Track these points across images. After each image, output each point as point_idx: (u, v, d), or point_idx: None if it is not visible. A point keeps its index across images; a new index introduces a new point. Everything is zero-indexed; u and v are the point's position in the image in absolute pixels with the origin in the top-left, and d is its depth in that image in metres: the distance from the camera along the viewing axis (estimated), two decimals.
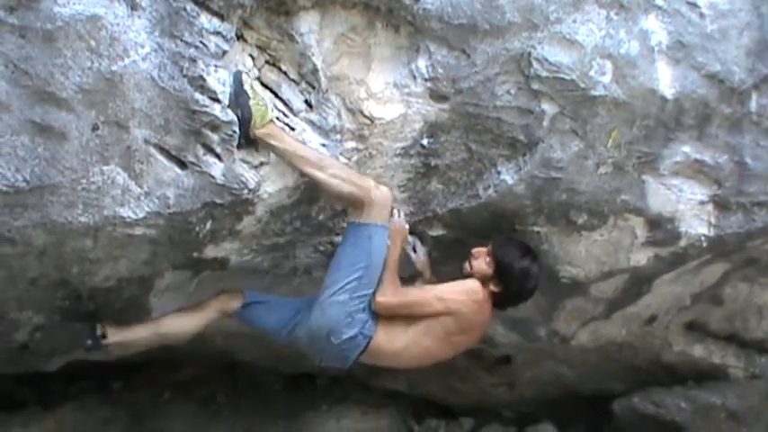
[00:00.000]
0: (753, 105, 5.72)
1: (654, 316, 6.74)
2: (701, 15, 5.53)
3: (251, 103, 4.85)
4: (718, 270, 6.44)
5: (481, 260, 5.33)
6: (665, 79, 5.52)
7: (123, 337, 5.29)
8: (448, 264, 5.77)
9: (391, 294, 5.22)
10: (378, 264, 5.19)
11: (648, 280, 6.30)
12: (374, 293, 5.20)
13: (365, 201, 5.09)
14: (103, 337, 5.22)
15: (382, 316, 5.26)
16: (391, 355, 5.37)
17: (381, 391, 7.74)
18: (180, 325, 5.41)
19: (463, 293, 5.29)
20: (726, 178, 5.81)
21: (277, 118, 4.99)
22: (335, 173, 5.06)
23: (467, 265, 5.37)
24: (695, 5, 5.52)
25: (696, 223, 5.91)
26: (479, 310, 5.32)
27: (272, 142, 4.93)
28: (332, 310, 5.17)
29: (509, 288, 5.33)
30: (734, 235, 5.98)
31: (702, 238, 5.96)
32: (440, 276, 5.55)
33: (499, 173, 5.42)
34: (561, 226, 5.83)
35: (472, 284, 5.31)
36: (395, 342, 5.30)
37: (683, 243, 5.98)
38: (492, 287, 5.32)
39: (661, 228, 5.91)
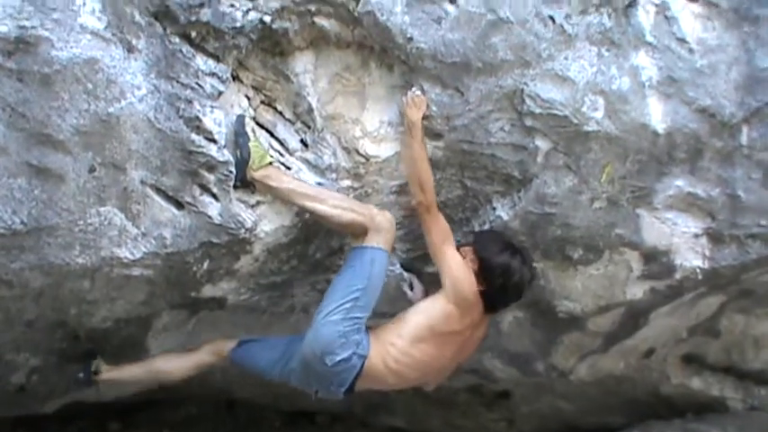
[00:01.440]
0: (743, 139, 5.69)
1: (651, 349, 6.73)
2: (691, 51, 5.52)
3: (251, 144, 4.88)
4: (714, 302, 6.43)
5: (467, 258, 5.23)
6: (657, 114, 5.51)
7: (116, 375, 5.33)
8: None
9: (430, 199, 5.09)
10: (376, 288, 5.13)
11: (645, 313, 6.29)
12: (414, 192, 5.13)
13: (368, 226, 5.07)
14: (95, 373, 5.25)
15: (374, 336, 5.18)
16: (386, 372, 5.23)
17: (381, 427, 7.74)
18: (173, 366, 5.41)
19: (467, 286, 5.15)
20: (719, 211, 5.78)
21: (272, 159, 5.00)
22: (336, 203, 5.07)
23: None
24: (684, 41, 5.51)
25: (691, 256, 5.89)
26: (468, 309, 5.20)
27: (271, 183, 4.95)
28: (325, 329, 5.06)
29: (492, 284, 5.19)
30: (729, 267, 5.95)
31: (697, 271, 5.93)
32: None
33: (494, 209, 5.44)
34: (557, 261, 5.83)
35: (474, 284, 5.16)
36: (390, 358, 5.18)
37: (678, 276, 5.96)
38: (478, 286, 5.21)
39: (656, 261, 5.90)
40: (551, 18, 5.26)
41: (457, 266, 5.16)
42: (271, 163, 4.97)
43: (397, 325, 5.25)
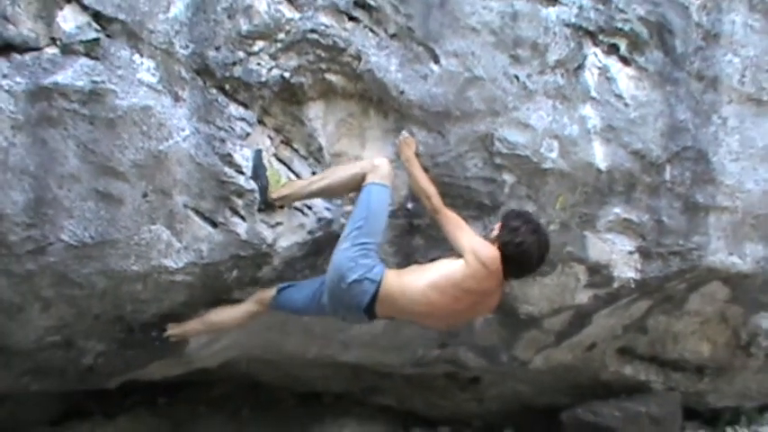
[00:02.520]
0: (667, 175, 5.75)
1: (594, 343, 6.72)
2: (626, 105, 5.57)
3: (267, 173, 4.88)
4: (644, 306, 6.43)
5: (496, 230, 4.91)
6: (600, 155, 5.57)
7: (181, 331, 5.21)
8: None
9: (437, 204, 4.92)
10: (377, 214, 4.86)
11: (589, 315, 6.30)
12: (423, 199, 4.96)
13: (366, 170, 4.88)
14: (164, 330, 5.18)
15: (391, 271, 4.89)
16: (401, 304, 4.86)
17: (376, 406, 7.67)
18: (225, 318, 5.20)
19: (486, 257, 4.77)
20: (648, 233, 5.83)
21: (285, 181, 4.99)
22: (335, 172, 4.97)
23: (491, 232, 5.01)
24: (621, 97, 5.55)
25: (626, 269, 5.93)
26: (488, 276, 4.80)
27: (287, 193, 4.93)
28: (336, 257, 4.81)
29: (508, 255, 4.79)
30: (655, 278, 5.99)
31: (631, 281, 5.97)
32: None
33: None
34: None
35: (495, 253, 4.79)
36: (405, 291, 4.83)
37: (616, 285, 6.00)
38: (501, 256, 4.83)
39: (599, 273, 5.93)
40: (516, 77, 5.32)
41: (472, 242, 4.82)
42: (285, 184, 4.95)
43: (421, 268, 4.97)
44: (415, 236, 5.40)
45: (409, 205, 5.29)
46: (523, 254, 4.82)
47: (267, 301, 5.13)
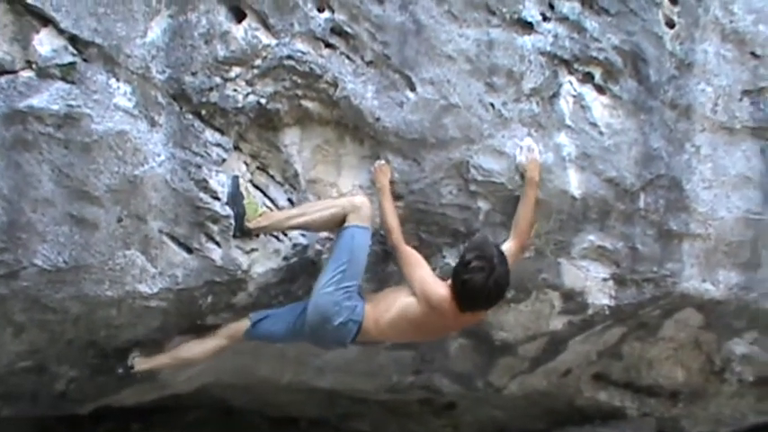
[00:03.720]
0: (641, 203, 5.75)
1: (569, 369, 6.71)
2: (601, 133, 5.58)
3: (244, 202, 4.86)
4: (618, 332, 6.42)
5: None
6: (574, 182, 5.57)
7: (148, 366, 5.16)
8: None
9: (396, 241, 5.00)
10: (358, 260, 4.93)
11: (564, 341, 6.30)
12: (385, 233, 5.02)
13: (347, 209, 4.90)
14: (131, 367, 5.12)
15: (368, 303, 5.00)
16: (378, 334, 5.06)
17: (351, 431, 7.68)
18: (195, 353, 5.19)
19: (435, 296, 4.86)
20: (622, 260, 5.83)
21: (263, 210, 4.98)
22: (317, 209, 4.96)
23: None
24: (596, 125, 5.57)
25: (600, 296, 5.93)
26: (441, 314, 4.89)
27: (265, 224, 4.92)
28: (321, 300, 4.90)
29: (461, 294, 4.83)
30: (629, 305, 5.99)
31: (605, 308, 5.97)
32: None
33: (444, 257, 5.43)
34: None
35: (443, 295, 4.85)
36: (380, 324, 4.98)
37: (590, 312, 6.00)
38: (453, 292, 4.87)
39: (573, 300, 5.93)
40: (491, 104, 5.34)
41: (423, 284, 4.91)
42: (262, 213, 4.93)
43: (386, 301, 5.06)
44: (389, 262, 5.37)
45: (383, 231, 5.27)
46: (471, 291, 4.83)
47: (240, 335, 5.16)
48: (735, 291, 6.22)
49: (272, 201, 5.06)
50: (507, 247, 5.15)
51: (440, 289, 4.92)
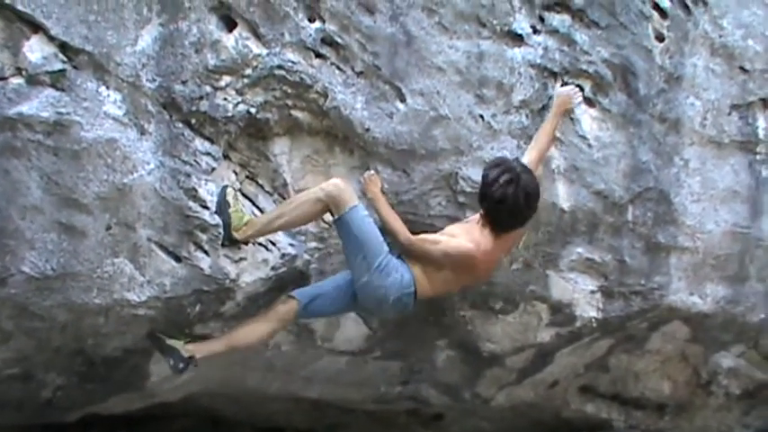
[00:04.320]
0: (629, 216, 5.80)
1: (556, 381, 6.72)
2: (590, 146, 5.62)
3: (230, 210, 4.82)
4: (605, 344, 6.45)
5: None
6: (563, 195, 5.61)
7: (207, 352, 5.02)
8: (392, 340, 5.82)
9: (405, 241, 4.89)
10: (369, 235, 4.81)
11: (551, 353, 6.32)
12: (390, 250, 4.89)
13: (326, 202, 4.77)
14: (192, 357, 4.95)
15: (414, 262, 4.93)
16: (437, 291, 5.07)
17: None
18: (249, 336, 5.06)
19: (463, 254, 4.90)
20: (610, 273, 5.87)
21: (249, 218, 4.91)
22: (295, 206, 4.86)
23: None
24: (585, 138, 5.61)
25: (588, 308, 5.96)
26: (479, 261, 4.94)
27: (251, 232, 4.88)
28: (365, 291, 4.89)
29: (496, 216, 4.88)
30: (616, 317, 6.03)
31: (593, 320, 6.00)
32: None
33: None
34: (482, 311, 5.86)
35: (467, 247, 4.90)
36: (434, 282, 4.96)
37: (578, 324, 6.03)
38: (490, 225, 4.91)
39: (561, 312, 5.96)
40: (481, 116, 5.37)
41: (446, 254, 4.91)
42: (247, 222, 4.87)
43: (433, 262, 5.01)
44: None
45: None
46: (507, 206, 4.83)
47: (291, 317, 5.07)
48: (722, 304, 6.26)
49: (260, 210, 5.05)
50: (527, 159, 5.15)
51: (462, 245, 4.93)
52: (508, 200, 4.80)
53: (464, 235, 4.99)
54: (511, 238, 5.17)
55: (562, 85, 5.53)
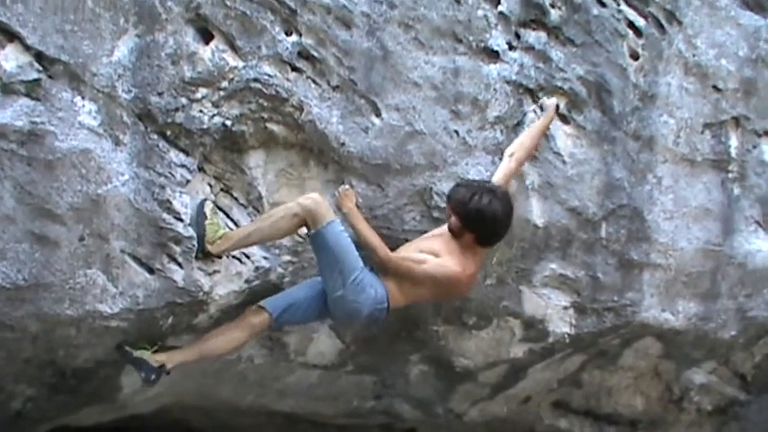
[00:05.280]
0: (602, 232, 5.83)
1: (529, 396, 6.74)
2: (564, 162, 5.65)
3: (206, 223, 4.82)
4: (578, 360, 6.47)
5: (451, 215, 5.02)
6: (537, 211, 5.63)
7: (178, 361, 4.99)
8: (365, 354, 5.82)
9: (384, 257, 4.91)
10: (345, 249, 4.85)
11: (524, 368, 6.33)
12: (364, 265, 4.93)
13: (303, 216, 4.81)
14: (162, 366, 4.91)
15: (388, 282, 4.98)
16: (410, 302, 5.14)
17: None
18: (219, 347, 5.05)
19: (446, 276, 4.98)
20: (583, 289, 5.90)
21: (224, 231, 4.91)
22: (270, 221, 4.88)
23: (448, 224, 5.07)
24: (559, 154, 5.64)
25: (561, 324, 5.98)
26: (462, 279, 5.04)
27: (226, 246, 4.88)
28: (338, 305, 4.94)
29: (477, 229, 4.97)
30: (589, 333, 6.05)
31: (566, 336, 6.02)
32: None
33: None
34: (456, 326, 5.88)
35: (450, 269, 4.98)
36: (408, 294, 5.04)
37: (551, 339, 6.04)
38: (469, 237, 4.99)
39: (534, 327, 5.97)
40: (456, 132, 5.39)
41: (431, 275, 4.99)
42: (222, 236, 4.86)
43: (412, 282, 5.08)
44: None
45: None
46: (490, 219, 4.95)
47: (264, 328, 5.08)
48: (694, 321, 6.30)
49: (234, 223, 5.05)
50: (506, 166, 5.28)
51: (449, 269, 5.02)
52: (494, 213, 4.95)
53: (447, 255, 5.03)
54: (485, 253, 5.24)
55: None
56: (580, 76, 5.67)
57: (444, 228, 5.13)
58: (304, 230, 4.94)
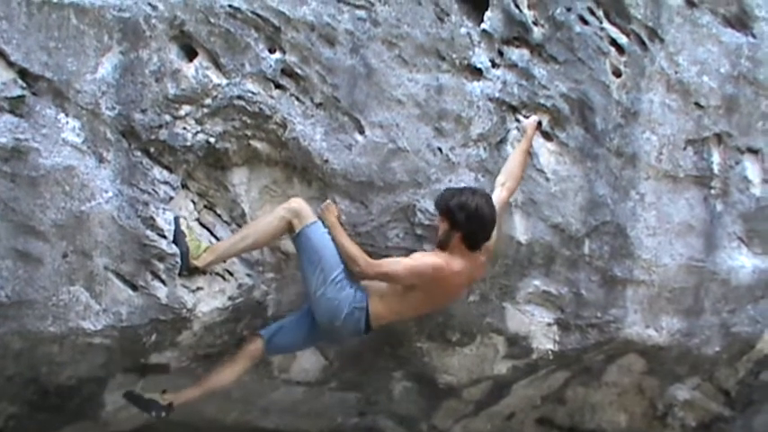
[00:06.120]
0: (586, 249, 5.87)
1: (512, 413, 6.74)
2: (547, 179, 5.69)
3: (187, 240, 4.86)
4: (562, 377, 6.49)
5: (440, 224, 5.09)
6: (520, 228, 5.67)
7: (185, 399, 5.16)
8: (348, 371, 5.84)
9: (364, 265, 4.97)
10: (327, 250, 4.95)
11: (508, 385, 6.34)
12: (346, 268, 4.98)
13: (288, 217, 4.92)
14: (170, 404, 5.10)
15: (371, 287, 5.08)
16: (394, 316, 5.18)
17: None
18: (224, 378, 5.18)
19: (428, 269, 5.01)
20: (567, 305, 5.92)
21: (207, 245, 4.97)
22: (257, 228, 4.97)
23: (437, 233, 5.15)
24: (542, 171, 5.68)
25: (545, 340, 5.99)
26: (447, 275, 5.05)
27: (212, 258, 4.92)
28: (320, 304, 4.99)
29: (464, 227, 5.00)
30: (573, 350, 6.07)
31: (549, 353, 6.03)
32: None
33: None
34: (439, 342, 5.88)
35: (432, 261, 5.04)
36: (393, 307, 5.11)
37: (534, 356, 6.05)
38: (458, 237, 5.03)
39: (517, 344, 5.98)
40: (439, 149, 5.41)
41: (410, 270, 5.01)
42: (206, 249, 4.92)
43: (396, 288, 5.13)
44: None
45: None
46: (476, 217, 5.00)
47: (260, 354, 5.20)
48: (677, 337, 6.33)
49: (218, 240, 5.06)
50: (497, 195, 5.28)
51: (429, 259, 5.09)
52: (477, 206, 5.00)
53: (430, 254, 5.15)
54: (474, 262, 5.20)
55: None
56: (563, 93, 5.71)
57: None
58: (286, 248, 4.99)
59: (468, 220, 5.01)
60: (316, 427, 6.47)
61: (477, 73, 5.53)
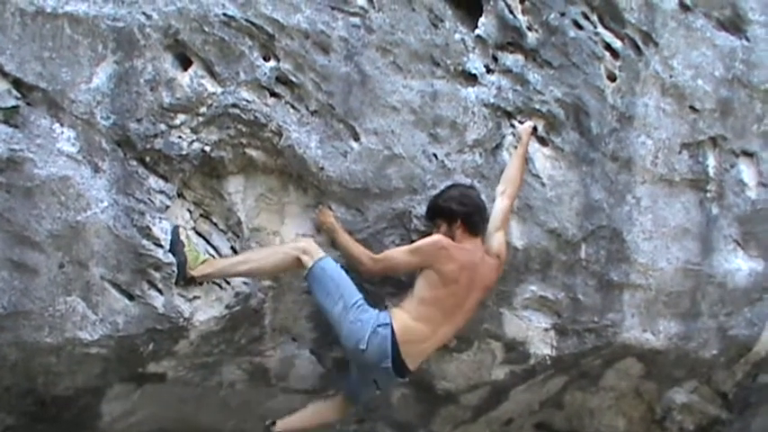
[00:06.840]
0: (582, 254, 5.87)
1: (511, 419, 6.74)
2: (543, 184, 5.70)
3: (185, 250, 4.87)
4: (560, 382, 6.49)
5: (438, 229, 5.23)
6: (516, 233, 5.67)
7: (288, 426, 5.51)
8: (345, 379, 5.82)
9: (369, 262, 5.09)
10: (342, 279, 5.03)
11: (506, 390, 6.33)
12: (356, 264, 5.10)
13: (297, 255, 4.99)
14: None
15: (393, 310, 5.15)
16: (422, 327, 5.16)
17: None
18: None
19: (429, 244, 5.11)
20: (564, 310, 5.92)
21: (205, 257, 4.99)
22: (261, 256, 5.01)
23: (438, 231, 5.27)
24: (538, 176, 5.69)
25: (542, 346, 5.99)
26: (452, 251, 5.14)
27: (209, 271, 4.93)
28: (342, 329, 5.04)
29: (461, 212, 5.20)
30: (570, 355, 6.07)
31: (547, 358, 6.03)
32: None
33: (386, 306, 5.40)
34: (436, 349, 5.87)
35: (432, 237, 5.17)
36: (416, 313, 5.14)
37: (532, 361, 6.05)
38: (458, 227, 5.21)
39: (515, 350, 5.98)
40: (435, 155, 5.42)
41: (415, 250, 5.14)
42: (204, 261, 4.95)
43: (409, 297, 5.22)
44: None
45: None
46: (471, 204, 5.26)
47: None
48: (675, 340, 6.33)
49: (214, 248, 5.08)
50: (499, 204, 5.39)
51: (427, 238, 5.21)
52: (463, 192, 5.30)
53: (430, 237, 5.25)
54: (481, 250, 5.31)
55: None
56: (558, 98, 5.72)
57: None
58: None
59: (460, 205, 5.23)
60: None
61: (471, 79, 5.54)
